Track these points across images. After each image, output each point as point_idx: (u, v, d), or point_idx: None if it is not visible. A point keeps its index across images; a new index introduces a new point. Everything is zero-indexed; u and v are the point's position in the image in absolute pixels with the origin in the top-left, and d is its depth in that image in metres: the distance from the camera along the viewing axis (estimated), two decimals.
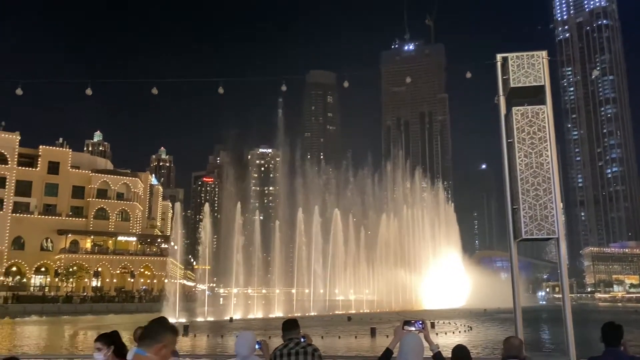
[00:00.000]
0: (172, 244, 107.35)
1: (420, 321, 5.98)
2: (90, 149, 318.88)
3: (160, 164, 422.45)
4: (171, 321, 7.70)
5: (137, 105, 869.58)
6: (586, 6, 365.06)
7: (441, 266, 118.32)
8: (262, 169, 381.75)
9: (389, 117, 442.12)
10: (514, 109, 9.78)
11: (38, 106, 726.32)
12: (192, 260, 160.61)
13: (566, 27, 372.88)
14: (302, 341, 6.38)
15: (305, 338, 6.47)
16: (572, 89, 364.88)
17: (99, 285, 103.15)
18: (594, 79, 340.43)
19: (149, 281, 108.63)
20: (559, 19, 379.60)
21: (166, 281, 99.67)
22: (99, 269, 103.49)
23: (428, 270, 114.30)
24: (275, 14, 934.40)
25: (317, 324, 48.98)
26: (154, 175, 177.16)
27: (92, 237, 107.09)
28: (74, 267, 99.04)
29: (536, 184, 9.31)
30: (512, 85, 9.83)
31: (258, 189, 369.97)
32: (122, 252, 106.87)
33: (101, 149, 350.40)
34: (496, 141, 10.24)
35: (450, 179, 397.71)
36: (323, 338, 34.61)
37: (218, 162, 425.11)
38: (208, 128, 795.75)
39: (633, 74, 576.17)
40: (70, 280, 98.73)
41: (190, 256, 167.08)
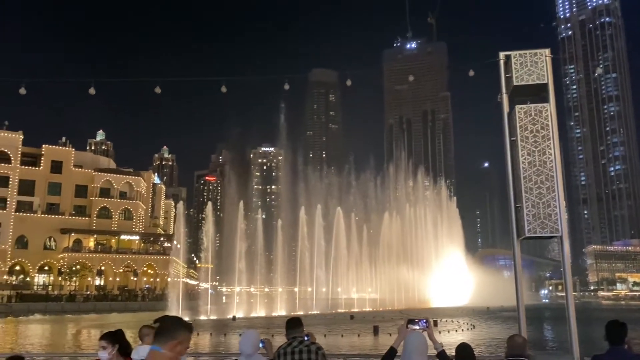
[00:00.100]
0: (175, 242, 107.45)
1: (424, 320, 5.99)
2: (93, 148, 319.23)
3: (163, 163, 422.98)
4: None
5: (139, 104, 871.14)
6: (589, 4, 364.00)
7: (444, 264, 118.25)
8: (265, 167, 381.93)
9: (391, 115, 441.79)
10: (517, 107, 9.76)
11: (41, 106, 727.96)
12: (195, 258, 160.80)
13: (569, 24, 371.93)
14: (305, 340, 6.40)
15: (309, 336, 6.49)
16: (574, 86, 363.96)
17: (102, 284, 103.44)
18: (596, 77, 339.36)
19: (152, 280, 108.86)
20: (562, 16, 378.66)
21: (169, 280, 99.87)
22: (102, 268, 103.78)
23: (431, 268, 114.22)
24: (277, 13, 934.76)
25: (320, 323, 49.01)
26: (156, 174, 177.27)
27: (95, 236, 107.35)
28: (77, 266, 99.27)
29: (539, 182, 9.29)
30: (515, 84, 9.80)
31: (260, 187, 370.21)
32: (125, 251, 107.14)
33: (104, 148, 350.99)
34: (499, 139, 10.22)
35: (453, 178, 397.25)
36: (326, 336, 34.63)
37: (220, 161, 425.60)
38: (210, 127, 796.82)
39: (636, 71, 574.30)
40: (74, 279, 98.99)
41: (193, 255, 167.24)
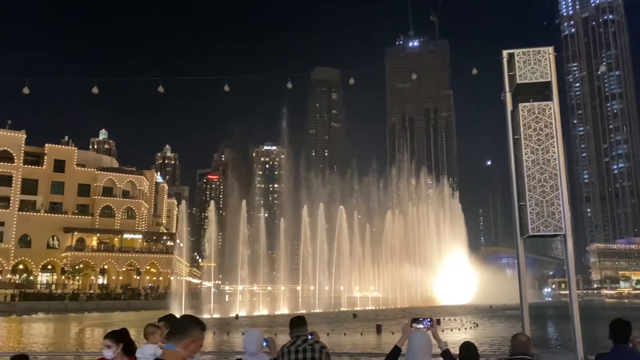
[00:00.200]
0: (178, 241, 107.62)
1: (428, 318, 5.98)
2: (96, 147, 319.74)
3: (166, 161, 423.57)
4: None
5: (141, 103, 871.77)
6: (592, 1, 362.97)
7: (447, 263, 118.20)
8: (267, 166, 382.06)
9: (394, 113, 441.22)
10: (521, 105, 9.74)
11: (43, 105, 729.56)
12: (198, 257, 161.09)
13: (572, 22, 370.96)
14: (309, 338, 6.41)
15: (313, 335, 6.49)
16: (577, 84, 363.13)
17: (105, 282, 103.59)
18: (599, 75, 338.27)
19: (155, 278, 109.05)
20: (565, 14, 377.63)
21: (172, 278, 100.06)
22: (105, 267, 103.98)
23: (434, 267, 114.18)
24: (279, 12, 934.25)
25: (323, 321, 49.04)
26: (159, 173, 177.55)
27: (98, 234, 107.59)
28: (80, 265, 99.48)
29: (543, 181, 9.27)
30: (518, 82, 9.78)
31: (263, 186, 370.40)
32: (128, 249, 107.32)
33: (106, 147, 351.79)
34: (501, 138, 10.21)
35: (456, 176, 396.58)
36: (329, 335, 34.65)
37: (223, 159, 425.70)
38: (213, 126, 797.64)
39: (639, 69, 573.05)
40: (77, 277, 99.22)
41: (196, 253, 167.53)
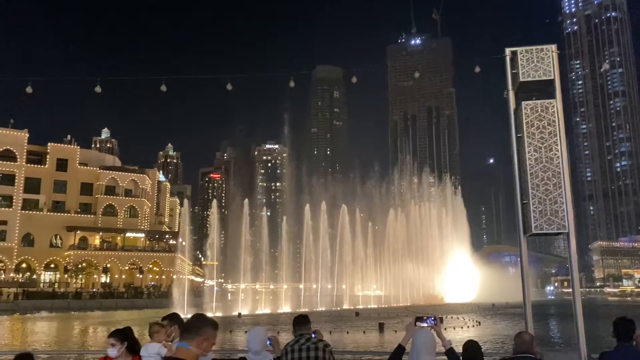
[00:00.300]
0: (180, 240, 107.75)
1: (432, 317, 5.99)
2: (98, 146, 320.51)
3: (168, 160, 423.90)
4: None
5: (144, 102, 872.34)
6: None
7: (449, 261, 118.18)
8: (269, 164, 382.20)
9: (396, 111, 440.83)
10: (524, 103, 9.72)
11: (46, 104, 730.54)
12: (200, 256, 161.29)
13: (574, 19, 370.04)
14: (313, 337, 6.42)
15: (316, 334, 6.50)
16: (580, 82, 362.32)
17: (108, 281, 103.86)
18: (602, 72, 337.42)
19: (157, 277, 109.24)
20: (567, 11, 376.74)
21: (175, 277, 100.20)
22: (108, 265, 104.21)
23: (436, 265, 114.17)
24: (281, 10, 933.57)
25: (325, 319, 49.08)
26: (161, 172, 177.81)
27: (100, 233, 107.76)
28: (83, 264, 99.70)
29: (546, 179, 9.26)
30: (521, 80, 9.76)
31: (265, 184, 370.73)
32: (130, 248, 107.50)
33: (109, 145, 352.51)
34: (504, 136, 10.21)
35: (458, 174, 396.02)
36: (331, 333, 34.67)
37: (225, 158, 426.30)
38: (215, 124, 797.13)
39: None
40: (80, 276, 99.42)
41: (198, 252, 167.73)
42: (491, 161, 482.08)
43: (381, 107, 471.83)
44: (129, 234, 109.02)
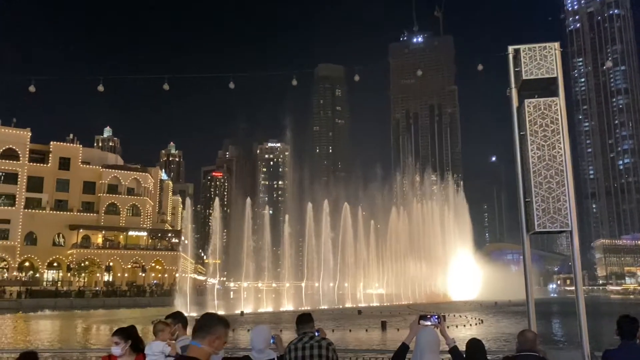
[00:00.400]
0: (183, 238, 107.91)
1: (436, 315, 5.99)
2: (100, 145, 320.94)
3: (170, 159, 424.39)
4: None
5: (146, 100, 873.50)
6: None
7: (452, 259, 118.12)
8: (271, 163, 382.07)
9: (398, 109, 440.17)
10: (526, 101, 9.70)
11: (48, 103, 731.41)
12: (203, 254, 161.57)
13: (577, 17, 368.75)
14: (316, 335, 6.42)
15: (320, 332, 6.51)
16: (583, 79, 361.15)
17: (110, 280, 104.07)
18: (605, 70, 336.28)
19: (160, 275, 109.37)
20: (570, 9, 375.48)
21: (177, 275, 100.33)
22: (111, 264, 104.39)
23: (439, 263, 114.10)
24: (283, 8, 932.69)
25: (328, 318, 49.12)
26: (163, 170, 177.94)
27: (103, 232, 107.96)
28: (86, 262, 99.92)
29: (549, 177, 9.25)
30: (524, 78, 9.74)
31: (267, 183, 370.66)
32: (133, 246, 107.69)
33: (111, 144, 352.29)
34: (506, 134, 10.18)
35: (460, 172, 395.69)
36: (334, 331, 34.69)
37: (227, 156, 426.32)
38: (217, 123, 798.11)
39: None
40: (82, 275, 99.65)
41: (201, 250, 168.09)
42: (493, 159, 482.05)
43: (383, 105, 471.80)
44: (131, 233, 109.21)
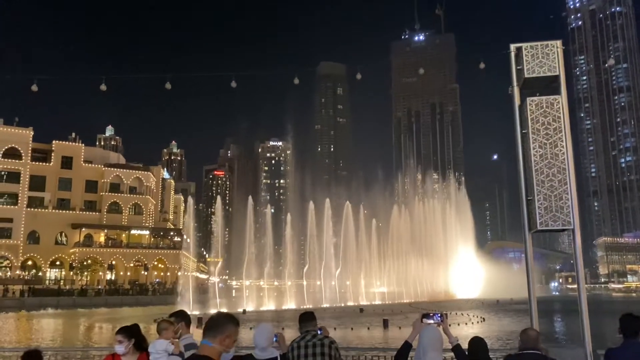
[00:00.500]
0: (185, 237, 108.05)
1: (438, 314, 6.01)
2: (102, 144, 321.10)
3: (172, 157, 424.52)
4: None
5: (148, 99, 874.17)
6: None
7: (454, 257, 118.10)
8: (273, 161, 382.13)
9: (400, 108, 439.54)
10: (528, 99, 9.68)
11: (50, 102, 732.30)
12: (205, 252, 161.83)
13: (579, 14, 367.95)
14: (318, 333, 6.44)
15: (322, 330, 6.53)
16: (585, 77, 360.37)
17: (113, 278, 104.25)
18: (607, 68, 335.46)
19: (162, 274, 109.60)
20: (572, 6, 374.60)
21: (179, 274, 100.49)
22: (113, 263, 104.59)
23: (441, 261, 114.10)
24: (284, 7, 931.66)
25: (329, 316, 49.15)
26: (165, 169, 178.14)
27: (105, 230, 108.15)
28: (89, 261, 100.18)
29: (551, 175, 9.23)
30: (526, 76, 9.72)
31: (269, 181, 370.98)
32: (135, 245, 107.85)
33: (113, 143, 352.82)
34: (508, 132, 10.18)
35: (462, 170, 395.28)
36: (335, 329, 34.71)
37: (229, 155, 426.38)
38: (219, 122, 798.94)
39: None
40: (85, 273, 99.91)
41: (203, 249, 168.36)
42: (495, 157, 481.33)
43: (384, 103, 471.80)
44: (133, 231, 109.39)
